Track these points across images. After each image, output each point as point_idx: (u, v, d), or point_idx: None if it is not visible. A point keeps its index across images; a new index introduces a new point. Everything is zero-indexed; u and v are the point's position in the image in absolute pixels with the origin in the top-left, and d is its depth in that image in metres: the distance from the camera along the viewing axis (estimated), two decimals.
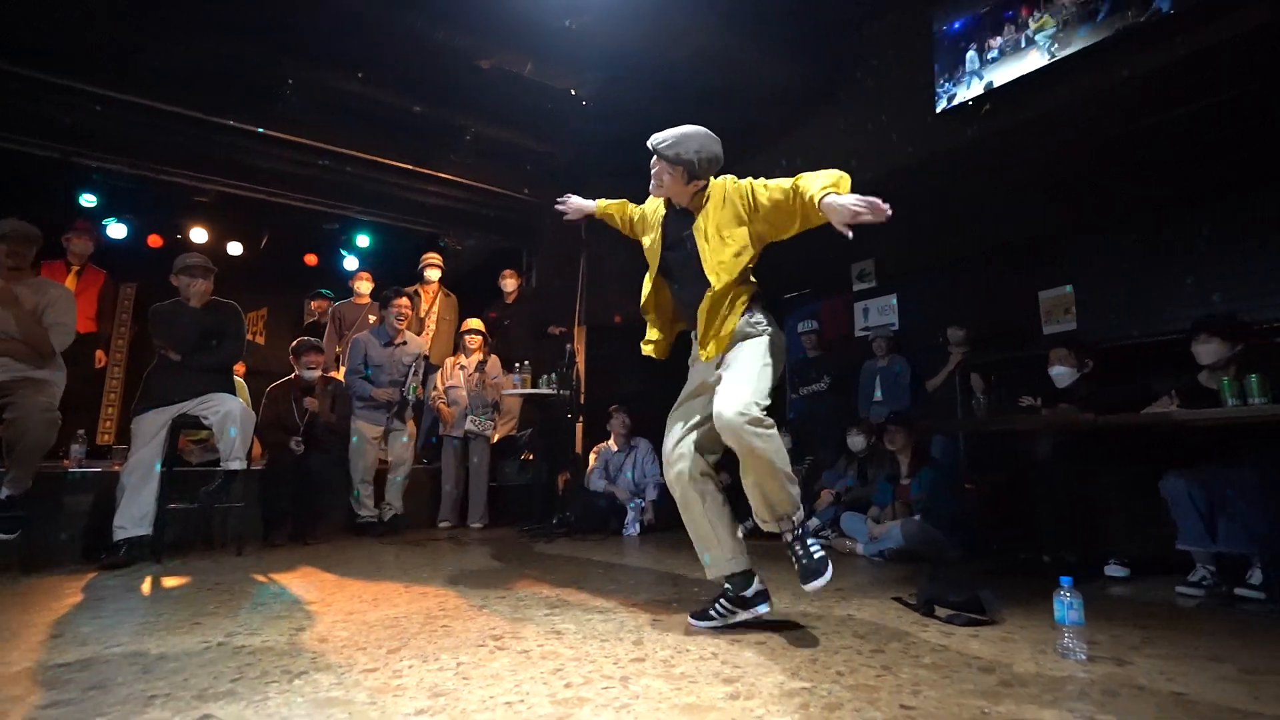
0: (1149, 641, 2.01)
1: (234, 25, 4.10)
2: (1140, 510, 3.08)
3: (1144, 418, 2.76)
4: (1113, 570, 3.12)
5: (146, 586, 2.77)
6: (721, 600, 2.15)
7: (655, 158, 2.19)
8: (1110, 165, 3.84)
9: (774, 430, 1.98)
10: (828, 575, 1.98)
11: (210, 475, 3.54)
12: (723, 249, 2.13)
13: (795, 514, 2.05)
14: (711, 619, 2.14)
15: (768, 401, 2.02)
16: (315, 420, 4.28)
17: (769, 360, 2.09)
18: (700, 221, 2.18)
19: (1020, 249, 4.77)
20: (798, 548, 2.04)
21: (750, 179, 2.21)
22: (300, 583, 2.82)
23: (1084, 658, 1.79)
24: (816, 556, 2.00)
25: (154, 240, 6.46)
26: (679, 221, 2.27)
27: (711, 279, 2.12)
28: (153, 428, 3.40)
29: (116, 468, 3.60)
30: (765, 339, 2.12)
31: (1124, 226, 4.27)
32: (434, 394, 5.15)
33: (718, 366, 2.16)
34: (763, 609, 2.12)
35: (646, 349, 2.43)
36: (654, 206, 2.39)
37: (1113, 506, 3.09)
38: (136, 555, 3.25)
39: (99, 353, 5.19)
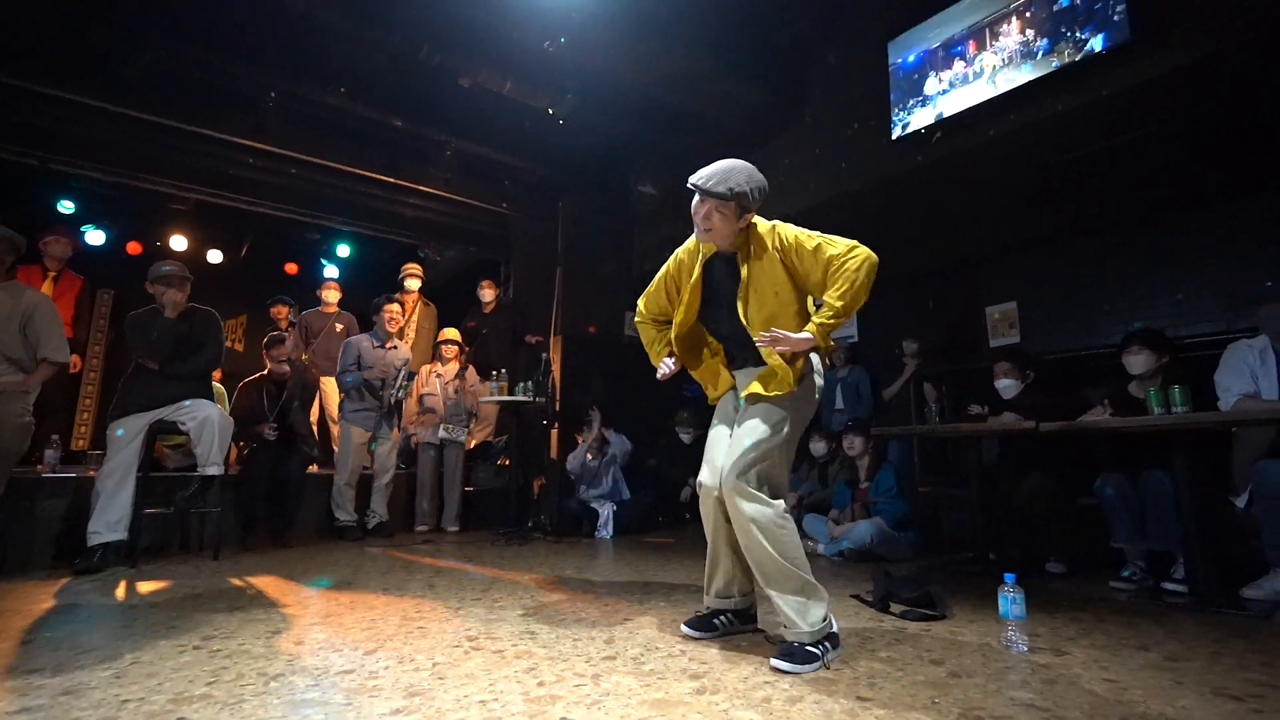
0: (1084, 633, 2.14)
1: (217, 38, 4.15)
2: (1078, 510, 3.26)
3: (1081, 425, 2.93)
4: (1053, 567, 3.28)
5: (121, 591, 2.74)
6: (729, 613, 2.13)
7: (699, 199, 1.97)
8: (1051, 189, 4.07)
9: (774, 509, 1.84)
10: (799, 669, 1.73)
11: (187, 480, 3.55)
12: (769, 303, 1.98)
13: (808, 628, 1.79)
14: (715, 629, 2.10)
15: (780, 473, 1.92)
16: (288, 410, 4.34)
17: (788, 420, 1.95)
18: (745, 272, 2.00)
19: (970, 267, 5.01)
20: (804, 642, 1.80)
21: (796, 233, 2.02)
22: (277, 586, 2.83)
23: (1026, 649, 1.91)
24: (812, 657, 1.76)
25: (133, 247, 6.43)
26: (723, 268, 2.09)
27: (754, 334, 1.97)
28: (129, 433, 3.39)
29: (91, 473, 3.57)
30: (790, 395, 1.96)
31: (1063, 247, 4.55)
32: (408, 413, 5.20)
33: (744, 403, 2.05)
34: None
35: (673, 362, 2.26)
36: (690, 252, 2.18)
37: (1053, 507, 3.25)
38: (111, 560, 3.23)
39: (75, 358, 5.15)
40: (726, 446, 2.04)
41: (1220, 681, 1.66)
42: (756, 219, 2.05)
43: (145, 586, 2.84)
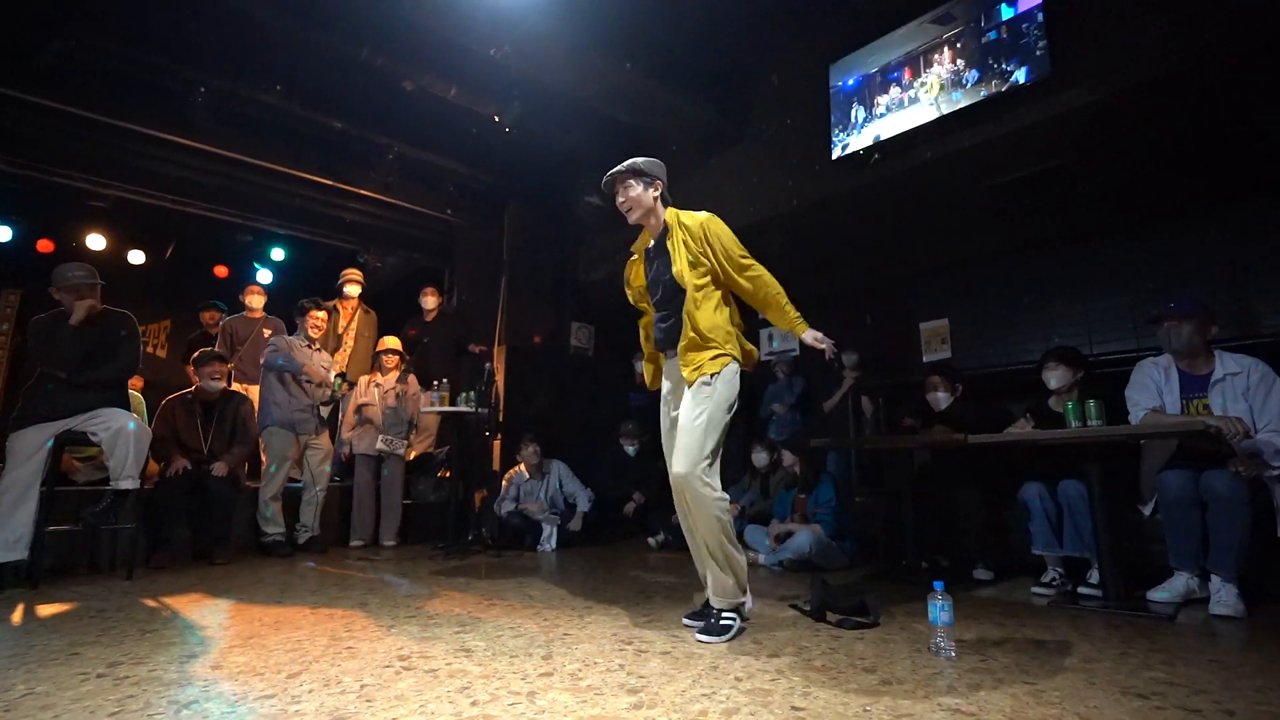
0: (1007, 637, 2.21)
1: (137, 29, 3.94)
2: (1003, 519, 3.41)
3: (1006, 437, 3.06)
4: (980, 574, 3.39)
5: (18, 615, 2.55)
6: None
7: (616, 194, 2.44)
8: (979, 212, 4.27)
9: (718, 495, 2.23)
10: (721, 639, 2.15)
11: (99, 495, 3.34)
12: (687, 259, 2.36)
13: (735, 597, 2.25)
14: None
15: (715, 459, 2.26)
16: (220, 434, 4.11)
17: (719, 414, 2.27)
18: (672, 245, 2.40)
19: (905, 284, 5.21)
20: (713, 612, 2.27)
21: (709, 223, 2.42)
22: (196, 607, 2.69)
23: (953, 655, 1.96)
24: (723, 624, 2.20)
25: (44, 245, 6.05)
26: (656, 249, 2.50)
27: (684, 279, 2.33)
28: (32, 445, 3.16)
29: None
30: (716, 389, 2.29)
31: (990, 267, 4.78)
32: (345, 424, 5.07)
33: (675, 409, 2.40)
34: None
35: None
36: (634, 257, 2.61)
37: (980, 516, 3.39)
38: (9, 581, 3.02)
39: None
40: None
41: (1127, 681, 1.75)
42: (677, 211, 2.46)
43: (46, 610, 2.65)
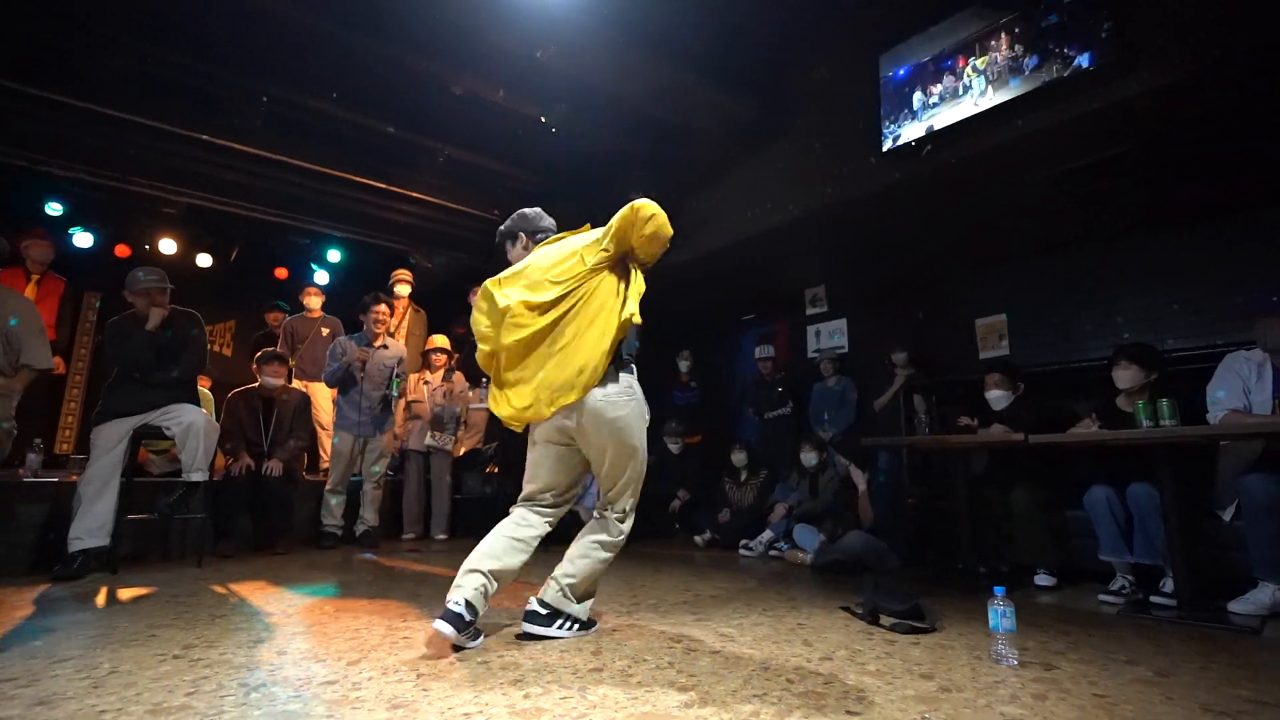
0: (1074, 647, 2.12)
1: (207, 42, 4.13)
2: (1066, 523, 3.26)
3: (1070, 437, 2.93)
4: (1041, 579, 3.26)
5: (101, 598, 2.71)
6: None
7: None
8: (1039, 203, 4.09)
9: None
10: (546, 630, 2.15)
11: (171, 486, 3.51)
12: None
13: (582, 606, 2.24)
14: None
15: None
16: (280, 428, 4.29)
17: (644, 448, 2.28)
18: None
19: (959, 278, 5.04)
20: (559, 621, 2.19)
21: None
22: (260, 595, 2.81)
23: (1015, 663, 1.89)
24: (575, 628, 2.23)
25: (121, 250, 6.41)
26: None
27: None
28: (112, 438, 3.36)
29: (74, 478, 3.53)
30: (641, 417, 2.26)
31: (1052, 259, 4.58)
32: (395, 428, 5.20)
33: (578, 424, 2.24)
34: None
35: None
36: None
37: (1041, 519, 3.25)
38: (92, 567, 3.19)
39: (58, 360, 5.11)
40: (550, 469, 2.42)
41: (1208, 697, 1.65)
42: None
43: (126, 594, 2.81)
